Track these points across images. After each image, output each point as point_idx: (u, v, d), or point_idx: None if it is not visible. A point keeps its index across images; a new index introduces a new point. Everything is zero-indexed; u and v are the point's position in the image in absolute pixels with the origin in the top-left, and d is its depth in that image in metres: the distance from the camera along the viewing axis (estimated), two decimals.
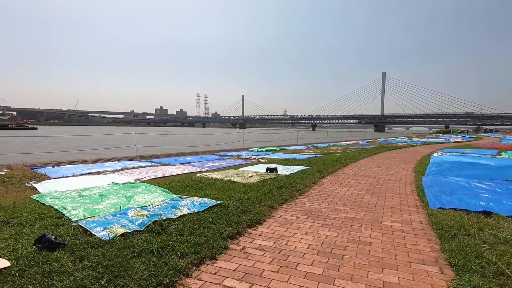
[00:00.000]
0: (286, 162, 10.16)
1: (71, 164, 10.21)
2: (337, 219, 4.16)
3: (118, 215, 3.84)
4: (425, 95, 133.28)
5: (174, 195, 5.05)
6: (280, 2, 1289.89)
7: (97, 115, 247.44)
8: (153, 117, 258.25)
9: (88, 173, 8.26)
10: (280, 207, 4.65)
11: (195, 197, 4.76)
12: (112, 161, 11.00)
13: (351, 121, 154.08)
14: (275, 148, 17.49)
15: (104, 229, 3.34)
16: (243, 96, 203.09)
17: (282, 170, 8.23)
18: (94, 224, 3.49)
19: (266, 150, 16.32)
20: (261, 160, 11.18)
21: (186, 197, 4.82)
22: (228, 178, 6.72)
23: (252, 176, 7.03)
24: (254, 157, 12.41)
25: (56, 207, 4.29)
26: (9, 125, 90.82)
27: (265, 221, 3.99)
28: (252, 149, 16.93)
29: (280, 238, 3.42)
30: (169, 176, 7.60)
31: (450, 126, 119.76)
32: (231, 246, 3.15)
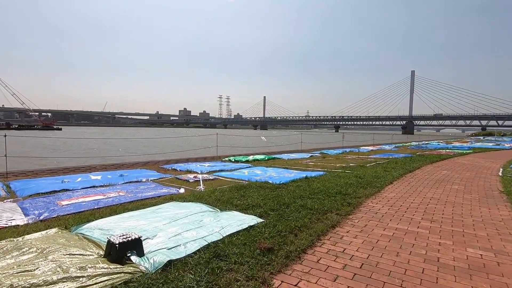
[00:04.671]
0: (233, 195, 5.01)
1: None
2: None
3: None
4: (459, 95, 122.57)
5: None
6: (303, 3, 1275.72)
7: (124, 116, 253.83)
8: (176, 118, 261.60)
9: None
10: None
11: None
12: None
13: (377, 122, 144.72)
14: (262, 157, 12.33)
15: None
16: (264, 97, 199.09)
17: (172, 237, 3.10)
18: None
19: (245, 161, 11.24)
20: (199, 187, 6.09)
21: None
22: None
23: None
24: (204, 176, 7.37)
25: None
26: (35, 126, 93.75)
27: None
28: (226, 158, 11.90)
29: None
30: None
31: (487, 128, 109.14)
32: None
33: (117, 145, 26.88)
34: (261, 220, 3.73)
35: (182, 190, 5.72)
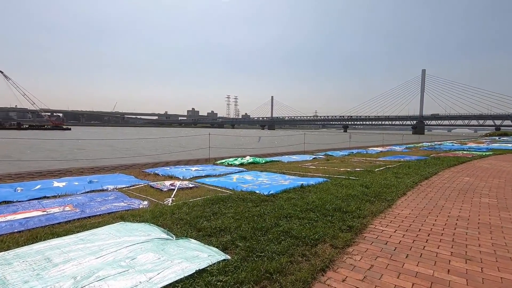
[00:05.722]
0: (203, 212, 3.94)
1: None
2: None
3: None
4: (472, 94, 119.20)
5: None
6: (309, 2, 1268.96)
7: (133, 116, 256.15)
8: (185, 118, 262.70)
9: None
10: None
11: None
12: None
13: (387, 122, 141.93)
14: (259, 159, 11.23)
15: None
16: (272, 97, 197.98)
17: None
18: None
19: (239, 164, 10.17)
20: (168, 199, 5.01)
21: None
22: None
23: None
24: (183, 183, 6.30)
25: None
26: (45, 126, 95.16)
27: None
28: (220, 161, 10.82)
29: None
30: None
31: (501, 128, 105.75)
32: None
33: (115, 146, 26.14)
34: (222, 257, 2.62)
35: (144, 204, 4.65)
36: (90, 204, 4.60)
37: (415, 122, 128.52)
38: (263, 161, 10.94)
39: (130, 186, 6.19)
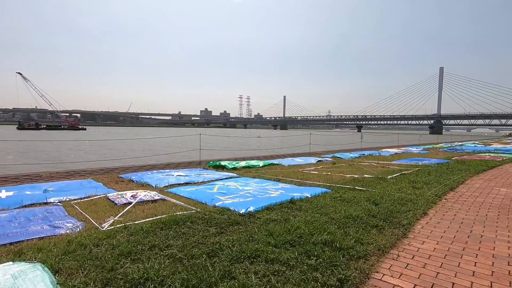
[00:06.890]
0: (138, 244, 2.77)
1: None
2: None
3: None
4: (493, 92, 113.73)
5: None
6: (322, 1, 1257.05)
7: (147, 116, 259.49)
8: (198, 118, 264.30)
9: None
10: None
11: None
12: None
13: (402, 122, 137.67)
14: (256, 162, 10.01)
15: None
16: (284, 96, 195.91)
17: None
18: None
19: (232, 168, 9.00)
20: (109, 220, 3.87)
21: None
22: None
23: None
24: (148, 195, 5.16)
25: None
26: (62, 126, 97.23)
27: None
28: (211, 164, 9.67)
29: None
30: None
31: None
32: None
33: (114, 146, 25.51)
34: None
35: (76, 226, 3.52)
36: (3, 226, 3.51)
37: (432, 121, 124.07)
38: (261, 165, 9.72)
39: (84, 198, 5.10)
